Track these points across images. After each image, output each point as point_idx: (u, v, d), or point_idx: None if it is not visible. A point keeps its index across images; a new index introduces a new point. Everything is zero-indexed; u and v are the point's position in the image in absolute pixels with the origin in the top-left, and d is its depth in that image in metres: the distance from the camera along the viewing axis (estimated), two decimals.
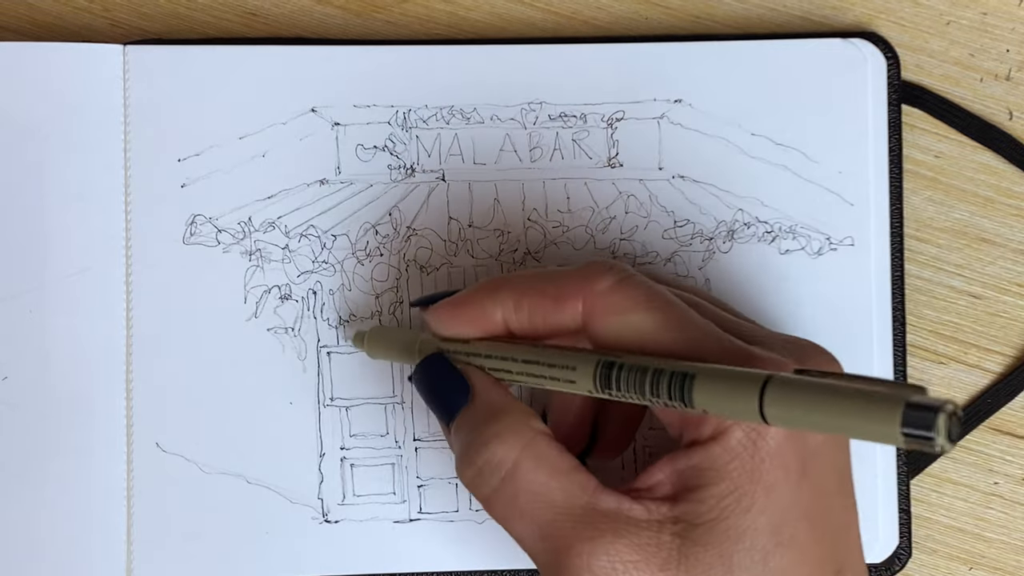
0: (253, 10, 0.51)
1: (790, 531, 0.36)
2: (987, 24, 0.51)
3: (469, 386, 0.39)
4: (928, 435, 0.28)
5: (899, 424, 0.28)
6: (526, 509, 0.37)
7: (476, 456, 0.38)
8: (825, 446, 0.37)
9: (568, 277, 0.39)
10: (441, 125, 0.49)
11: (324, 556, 0.48)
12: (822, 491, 0.37)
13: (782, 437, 0.35)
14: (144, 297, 0.48)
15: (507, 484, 0.37)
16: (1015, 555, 0.50)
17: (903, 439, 0.28)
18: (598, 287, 0.38)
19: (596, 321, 0.38)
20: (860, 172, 0.49)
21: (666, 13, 0.51)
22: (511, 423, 0.38)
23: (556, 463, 0.37)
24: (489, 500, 0.38)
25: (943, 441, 0.28)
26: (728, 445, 0.36)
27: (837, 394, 0.30)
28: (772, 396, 0.31)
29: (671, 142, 0.49)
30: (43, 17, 0.50)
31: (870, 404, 0.29)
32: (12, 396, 0.47)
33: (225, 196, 0.48)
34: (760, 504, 0.35)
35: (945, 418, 0.28)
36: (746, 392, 0.32)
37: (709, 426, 0.36)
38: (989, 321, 0.50)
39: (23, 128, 0.48)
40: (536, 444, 0.37)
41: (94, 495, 0.47)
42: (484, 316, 0.40)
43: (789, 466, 0.36)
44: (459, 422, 0.39)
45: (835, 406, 0.30)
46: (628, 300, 0.38)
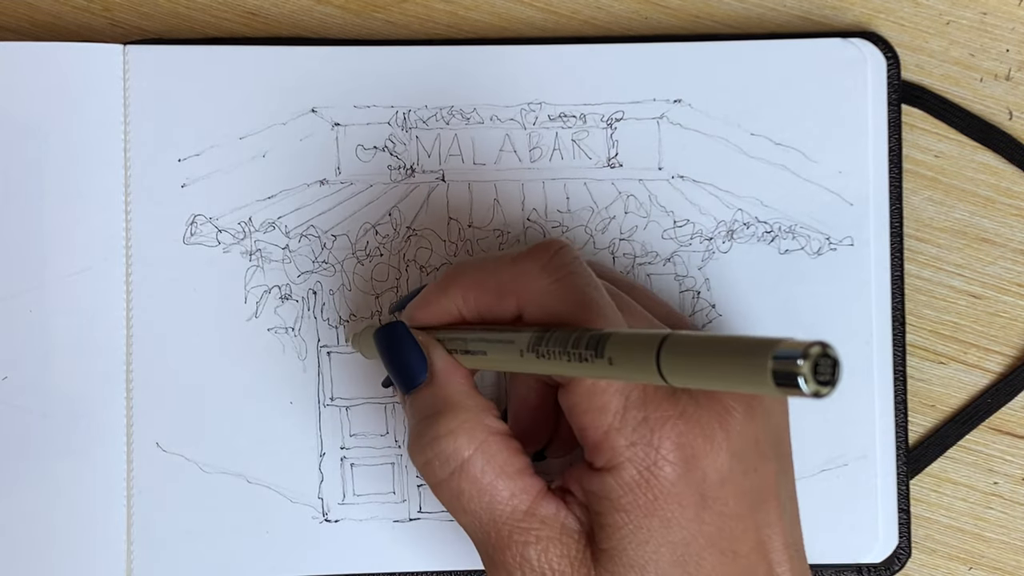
0: (253, 10, 0.51)
1: (695, 560, 0.37)
2: (987, 24, 0.51)
3: (427, 362, 0.40)
4: (795, 382, 0.28)
5: (769, 372, 0.28)
6: (469, 506, 0.38)
7: (428, 447, 0.39)
8: (729, 474, 0.37)
9: (505, 273, 0.39)
10: (441, 125, 0.49)
11: (324, 555, 0.48)
12: (729, 516, 0.37)
13: (676, 474, 0.36)
14: (144, 297, 0.48)
15: (454, 478, 0.38)
16: (1015, 555, 0.50)
17: (776, 388, 0.28)
18: (531, 285, 0.39)
19: (528, 315, 0.39)
20: (860, 172, 0.49)
21: (666, 13, 0.51)
22: (467, 420, 0.38)
23: (505, 465, 0.38)
24: (435, 488, 0.39)
25: (812, 386, 0.28)
26: (621, 480, 0.36)
27: (720, 346, 0.30)
28: (667, 352, 0.32)
29: (671, 142, 0.49)
30: (43, 17, 0.51)
31: (743, 355, 0.29)
32: (12, 396, 0.47)
33: (225, 196, 0.48)
34: (658, 537, 0.36)
35: (809, 363, 0.28)
36: (647, 347, 0.32)
37: (602, 455, 0.37)
38: (989, 321, 0.50)
39: (23, 128, 0.48)
40: (488, 444, 0.38)
41: (94, 495, 0.47)
42: (442, 311, 0.41)
43: (685, 500, 0.36)
44: (415, 399, 0.40)
45: (716, 359, 0.30)
46: (555, 300, 0.38)
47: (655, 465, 0.36)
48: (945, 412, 0.50)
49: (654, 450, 0.36)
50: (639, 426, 0.36)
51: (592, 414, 0.37)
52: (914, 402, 0.50)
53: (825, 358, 0.28)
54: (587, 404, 0.37)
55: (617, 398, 0.36)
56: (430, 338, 0.41)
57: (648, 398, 0.36)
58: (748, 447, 0.38)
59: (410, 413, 0.40)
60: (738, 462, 0.37)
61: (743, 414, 0.38)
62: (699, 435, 0.36)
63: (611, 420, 0.36)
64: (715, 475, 0.37)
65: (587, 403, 0.37)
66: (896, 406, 0.48)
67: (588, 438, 0.37)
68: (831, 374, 0.28)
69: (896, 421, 0.48)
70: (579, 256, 0.39)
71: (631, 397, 0.36)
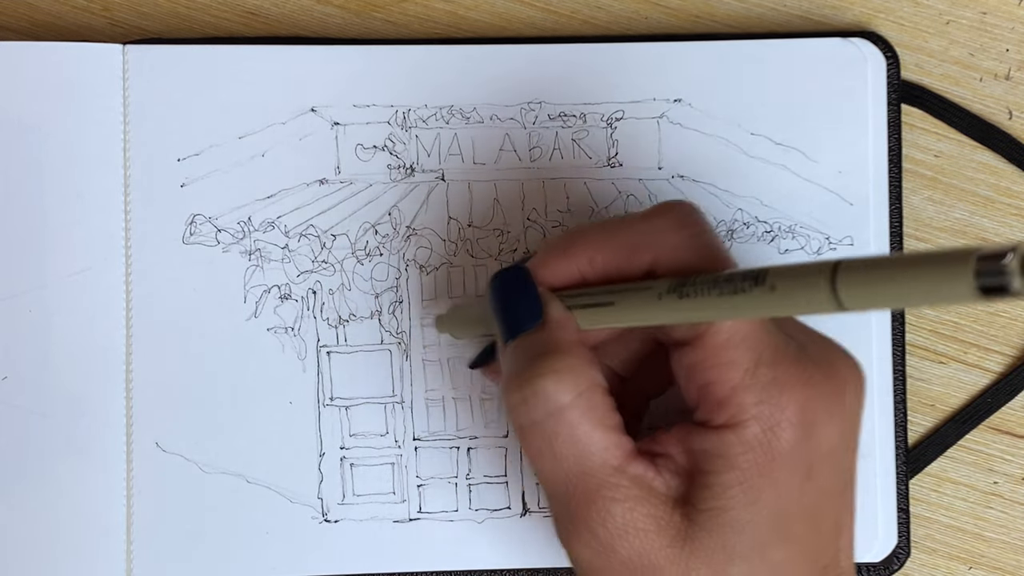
0: (253, 9, 0.51)
1: (790, 528, 0.36)
2: (987, 24, 0.51)
3: (542, 309, 0.39)
4: (1003, 282, 0.27)
5: (973, 275, 0.28)
6: (560, 452, 0.37)
7: (527, 384, 0.37)
8: (835, 450, 0.37)
9: (638, 229, 0.39)
10: (441, 125, 0.49)
11: (324, 556, 0.48)
12: (823, 492, 0.37)
13: (795, 439, 0.36)
14: (144, 297, 0.48)
15: (549, 422, 0.37)
16: (1015, 555, 0.50)
17: (978, 292, 0.28)
18: (667, 240, 0.38)
19: (664, 269, 0.38)
20: (860, 172, 0.49)
21: (666, 13, 0.51)
22: (573, 365, 0.37)
23: (603, 417, 0.37)
24: (525, 430, 0.38)
25: (1020, 284, 0.27)
26: (743, 437, 0.36)
27: (907, 263, 0.30)
28: (844, 277, 0.31)
29: (671, 142, 0.49)
30: (42, 16, 0.51)
31: (941, 263, 0.29)
32: (12, 396, 0.47)
33: (225, 196, 0.48)
34: (766, 499, 0.36)
35: (1018, 258, 0.27)
36: (817, 272, 0.32)
37: (725, 411, 0.36)
38: (989, 321, 0.50)
39: (23, 128, 0.48)
40: (592, 393, 0.37)
41: (94, 495, 0.47)
42: (565, 272, 0.40)
43: (797, 467, 0.36)
44: (520, 342, 0.39)
45: (907, 274, 0.30)
46: (694, 254, 0.38)
47: (778, 426, 0.36)
48: (945, 412, 0.50)
49: (780, 411, 0.36)
50: (769, 385, 0.36)
51: (721, 368, 0.36)
52: (914, 402, 0.50)
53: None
54: (716, 359, 0.36)
55: (750, 355, 0.36)
56: (547, 291, 0.40)
57: (779, 359, 0.36)
58: (853, 425, 0.38)
59: (511, 357, 0.39)
60: (844, 439, 0.37)
61: (854, 391, 0.38)
62: (820, 404, 0.36)
63: (741, 376, 0.36)
64: (826, 446, 0.37)
65: (716, 357, 0.36)
66: (896, 405, 0.48)
67: (712, 393, 0.37)
68: None
69: (896, 420, 0.48)
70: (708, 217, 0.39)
71: (763, 356, 0.36)
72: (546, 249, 0.41)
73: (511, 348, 0.39)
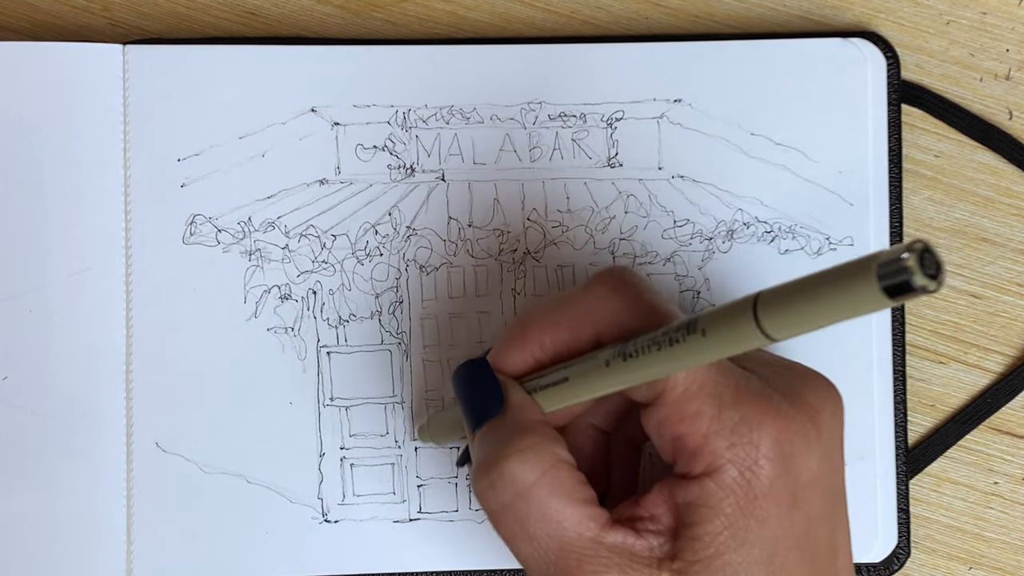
0: (253, 10, 0.51)
1: (781, 560, 0.36)
2: (987, 24, 0.51)
3: (503, 396, 0.40)
4: (904, 279, 0.28)
5: (876, 282, 0.28)
6: (535, 533, 0.37)
7: (493, 468, 0.37)
8: (818, 475, 0.37)
9: (577, 305, 0.39)
10: (441, 125, 0.49)
11: (324, 556, 0.48)
12: (813, 518, 0.37)
13: (775, 472, 0.36)
14: (144, 297, 0.48)
15: (519, 503, 0.37)
16: (1015, 555, 0.50)
17: (885, 296, 0.28)
18: (606, 308, 0.39)
19: (607, 338, 0.39)
20: (860, 172, 0.49)
21: (666, 13, 0.51)
22: (536, 443, 0.38)
23: (572, 492, 0.37)
24: (497, 515, 0.38)
25: (922, 280, 0.28)
26: (723, 482, 0.36)
27: (818, 281, 0.30)
28: (764, 308, 0.31)
29: (671, 142, 0.49)
30: (42, 16, 0.51)
31: (845, 277, 0.29)
32: (12, 396, 0.47)
33: (225, 196, 0.48)
34: (754, 538, 0.36)
35: (915, 256, 0.28)
36: (741, 309, 0.32)
37: (701, 461, 0.36)
38: (989, 321, 0.50)
39: (23, 128, 0.48)
40: (557, 470, 0.37)
41: (94, 495, 0.47)
42: (522, 360, 0.40)
43: (781, 499, 0.36)
44: (485, 430, 0.39)
45: (819, 292, 0.30)
46: (633, 317, 0.38)
47: (756, 464, 0.36)
48: (945, 412, 0.50)
49: (755, 448, 0.36)
50: (737, 426, 0.36)
51: (687, 421, 0.36)
52: (914, 402, 0.50)
53: (928, 253, 0.28)
54: (680, 412, 0.36)
55: (710, 401, 0.36)
56: (508, 378, 0.40)
57: (742, 397, 0.36)
58: (835, 447, 0.38)
59: (478, 445, 0.39)
60: (827, 462, 0.37)
61: (831, 413, 0.38)
62: (796, 433, 0.36)
63: (708, 424, 0.36)
64: (807, 474, 0.37)
65: (680, 411, 0.36)
66: (896, 406, 0.48)
67: (685, 446, 0.37)
68: (936, 269, 0.28)
69: (896, 421, 0.48)
70: (643, 275, 0.39)
71: (724, 398, 0.36)
72: (502, 339, 0.41)
73: (478, 438, 0.40)
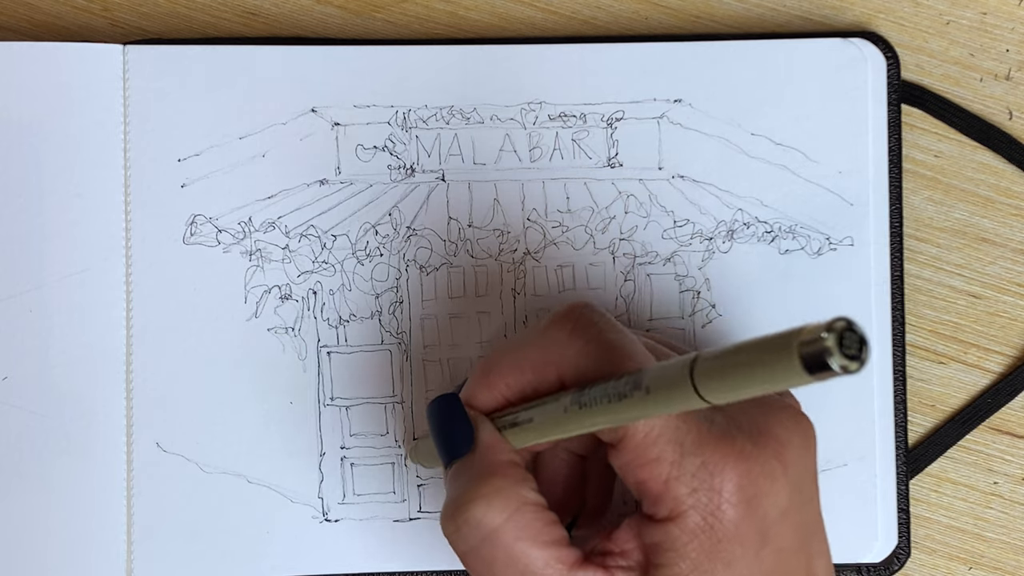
0: (253, 10, 0.51)
1: None
2: (987, 24, 0.51)
3: (473, 434, 0.40)
4: (823, 361, 0.27)
5: (797, 357, 0.28)
6: (502, 574, 0.37)
7: (458, 513, 0.38)
8: (788, 510, 0.37)
9: (536, 349, 0.39)
10: (441, 125, 0.49)
11: (324, 555, 0.48)
12: (784, 553, 0.37)
13: (739, 515, 0.36)
14: (144, 297, 0.48)
15: (485, 546, 0.37)
16: (1015, 555, 0.50)
17: (806, 373, 0.28)
18: (564, 353, 0.38)
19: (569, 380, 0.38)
20: (860, 172, 0.49)
21: (666, 13, 0.51)
22: (502, 487, 0.38)
23: (539, 534, 0.37)
24: (465, 557, 0.38)
25: (840, 360, 0.27)
26: (686, 527, 0.36)
27: (747, 351, 0.30)
28: (699, 372, 0.32)
29: (671, 142, 0.49)
30: (42, 16, 0.51)
31: (770, 351, 0.29)
32: (12, 396, 0.47)
33: (225, 196, 0.48)
34: None
35: (834, 336, 0.27)
36: (680, 370, 0.32)
37: (664, 506, 0.36)
38: (989, 321, 0.50)
39: (23, 127, 0.48)
40: (522, 513, 0.37)
41: (94, 495, 0.47)
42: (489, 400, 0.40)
43: (747, 541, 0.36)
44: (456, 468, 0.39)
45: (746, 363, 0.30)
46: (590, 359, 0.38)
47: (718, 509, 0.36)
48: (945, 412, 0.50)
49: (716, 494, 0.36)
50: (698, 471, 0.36)
51: (649, 466, 0.36)
52: (914, 402, 0.50)
53: (850, 332, 0.28)
54: (642, 457, 0.36)
55: (671, 446, 0.36)
56: (479, 414, 0.40)
57: (703, 442, 0.36)
58: (805, 478, 0.38)
59: (449, 485, 0.39)
60: (797, 495, 0.37)
61: (799, 445, 0.37)
62: (760, 473, 0.36)
63: (669, 469, 0.36)
64: (775, 511, 0.36)
65: (642, 456, 0.36)
66: (896, 406, 0.48)
67: (648, 491, 0.37)
68: (858, 349, 0.28)
69: (896, 421, 0.48)
70: (604, 312, 0.39)
71: (686, 443, 0.36)
72: (470, 378, 0.41)
73: (449, 475, 0.40)
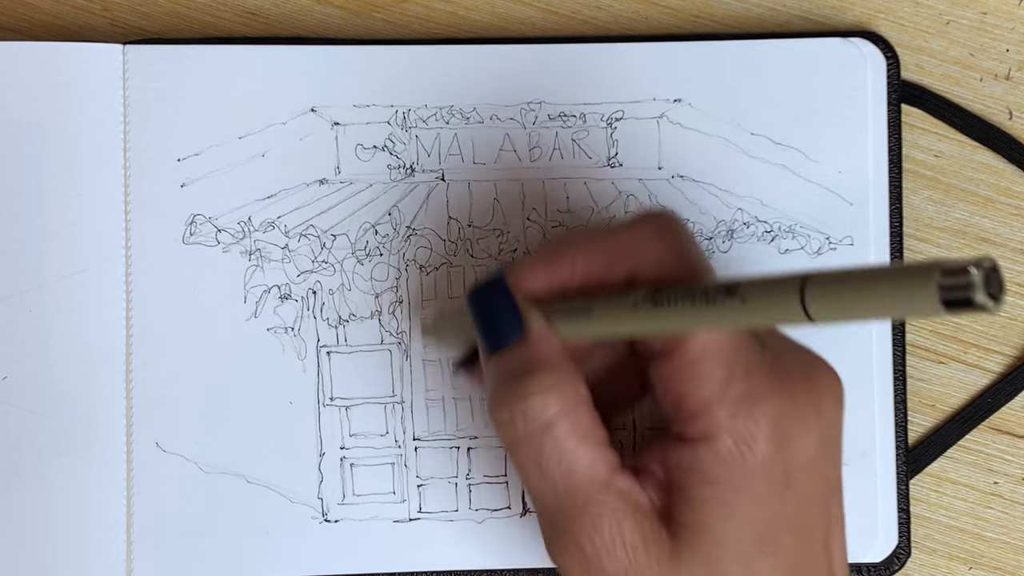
0: (253, 10, 0.51)
1: (774, 540, 0.36)
2: (987, 24, 0.51)
3: (523, 323, 0.39)
4: (967, 295, 0.27)
5: (936, 289, 0.28)
6: (547, 468, 0.37)
7: (515, 402, 0.37)
8: (814, 460, 0.37)
9: (619, 239, 0.39)
10: (440, 125, 0.49)
11: (324, 555, 0.48)
12: (807, 502, 0.37)
13: (770, 450, 0.36)
14: (144, 297, 0.48)
15: (536, 437, 0.37)
16: (1015, 555, 0.50)
17: (942, 306, 0.28)
18: (647, 251, 0.38)
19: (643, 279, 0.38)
20: (860, 172, 0.49)
21: (666, 13, 0.51)
22: (560, 381, 0.37)
23: (588, 433, 0.37)
24: (514, 445, 0.38)
25: (983, 298, 0.27)
26: (716, 451, 0.36)
27: (873, 276, 0.30)
28: (813, 290, 0.31)
29: (670, 142, 0.49)
30: (42, 16, 0.51)
31: (906, 277, 0.29)
32: (12, 396, 0.47)
33: (225, 196, 0.48)
34: (743, 513, 0.36)
35: (982, 274, 0.27)
36: (787, 285, 0.32)
37: (699, 424, 0.36)
38: (989, 321, 0.50)
39: (22, 127, 0.48)
40: (576, 410, 0.37)
41: (94, 495, 0.47)
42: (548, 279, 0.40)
43: (774, 478, 0.36)
44: (502, 358, 0.39)
45: (874, 288, 0.30)
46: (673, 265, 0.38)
47: (752, 439, 0.36)
48: (945, 412, 0.50)
49: (753, 424, 0.36)
50: (741, 399, 0.36)
51: (694, 382, 0.36)
52: (914, 402, 0.50)
53: (995, 273, 0.28)
54: (690, 372, 0.36)
55: (722, 368, 0.36)
56: (528, 301, 0.40)
57: (753, 371, 0.36)
58: (832, 435, 0.38)
59: (494, 372, 0.39)
60: (824, 448, 0.37)
61: (832, 401, 0.38)
62: (795, 415, 0.36)
63: (714, 390, 0.36)
64: (803, 457, 0.36)
65: (690, 371, 0.36)
66: (896, 405, 0.48)
67: (686, 407, 0.36)
68: (998, 289, 0.28)
69: (896, 421, 0.48)
70: (687, 225, 0.39)
71: (736, 368, 0.36)
72: (531, 256, 0.41)
73: (494, 362, 0.39)
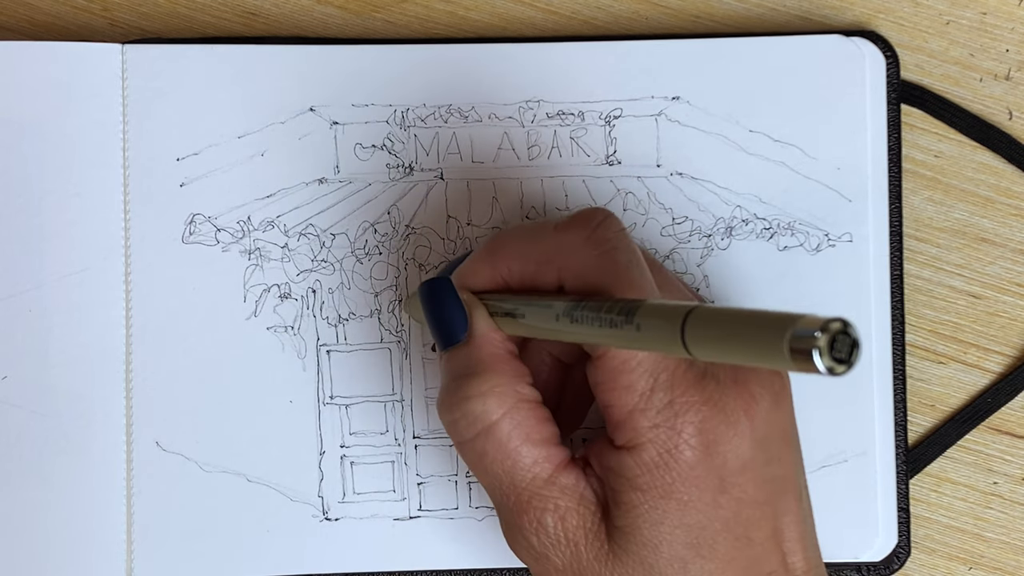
0: (253, 10, 0.51)
1: (709, 543, 0.37)
2: (987, 24, 0.51)
3: (467, 322, 0.40)
4: (810, 356, 0.27)
5: (786, 345, 0.28)
6: (491, 468, 0.38)
7: (456, 406, 0.39)
8: (750, 463, 0.37)
9: (548, 243, 0.39)
10: (439, 124, 0.49)
11: (324, 554, 0.48)
12: (747, 503, 0.37)
13: (695, 458, 0.36)
14: (144, 296, 0.48)
15: (480, 440, 0.38)
16: (1015, 555, 0.50)
17: (791, 362, 0.28)
18: (572, 257, 0.39)
19: (568, 285, 0.39)
20: (858, 168, 0.49)
21: (666, 13, 0.51)
22: (498, 384, 0.39)
23: (531, 432, 0.38)
24: (460, 447, 0.39)
25: (827, 361, 0.27)
26: (640, 460, 0.36)
27: (743, 320, 0.30)
28: (692, 323, 0.31)
29: (669, 139, 0.49)
30: (42, 16, 0.51)
31: (763, 328, 0.29)
32: (12, 396, 0.47)
33: (224, 195, 0.48)
34: (673, 519, 0.36)
35: (827, 337, 0.27)
36: (673, 317, 0.32)
37: (624, 433, 0.37)
38: (989, 321, 0.50)
39: (22, 127, 0.48)
40: (517, 411, 0.38)
41: (94, 495, 0.47)
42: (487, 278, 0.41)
43: (704, 484, 0.36)
44: (451, 356, 0.40)
45: (738, 332, 0.30)
46: (596, 273, 0.38)
47: (676, 448, 0.36)
48: (945, 412, 0.50)
49: (676, 434, 0.36)
50: (664, 409, 0.36)
51: (618, 392, 0.37)
52: (914, 402, 0.50)
53: (844, 335, 0.28)
54: (615, 381, 0.37)
55: (645, 378, 0.36)
56: (474, 299, 0.41)
57: (676, 382, 0.36)
58: (773, 436, 0.38)
59: (444, 370, 0.40)
60: (761, 450, 0.37)
61: (770, 403, 0.38)
62: (722, 422, 0.36)
63: (637, 400, 0.36)
64: (736, 461, 0.37)
65: (615, 380, 0.37)
66: (896, 405, 0.48)
67: (612, 415, 0.37)
68: (848, 353, 0.28)
69: (896, 420, 0.48)
70: (623, 228, 0.39)
71: (659, 379, 0.36)
72: (474, 255, 0.41)
73: (445, 360, 0.41)
